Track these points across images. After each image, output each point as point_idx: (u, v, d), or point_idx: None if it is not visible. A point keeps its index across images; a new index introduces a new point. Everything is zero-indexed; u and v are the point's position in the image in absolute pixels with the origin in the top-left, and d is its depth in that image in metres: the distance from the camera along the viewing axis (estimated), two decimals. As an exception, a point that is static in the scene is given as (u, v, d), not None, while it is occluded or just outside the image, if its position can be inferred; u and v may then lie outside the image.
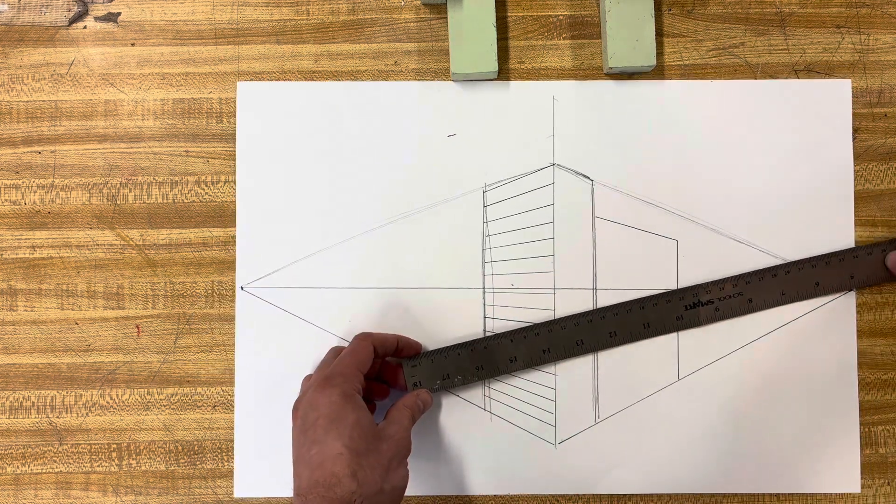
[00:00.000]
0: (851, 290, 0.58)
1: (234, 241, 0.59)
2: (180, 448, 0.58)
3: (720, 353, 0.58)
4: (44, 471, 0.58)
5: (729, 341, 0.58)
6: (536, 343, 0.57)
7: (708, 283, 0.58)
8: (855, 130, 0.59)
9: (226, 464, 0.58)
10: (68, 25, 0.60)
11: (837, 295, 0.58)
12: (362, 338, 0.54)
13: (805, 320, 0.58)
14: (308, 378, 0.55)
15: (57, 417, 0.59)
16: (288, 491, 0.57)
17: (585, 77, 0.59)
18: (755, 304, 0.57)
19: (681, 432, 0.58)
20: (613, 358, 0.58)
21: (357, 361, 0.52)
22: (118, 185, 0.59)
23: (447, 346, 0.57)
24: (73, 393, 0.59)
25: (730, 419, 0.58)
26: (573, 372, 0.58)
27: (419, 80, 0.59)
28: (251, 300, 0.58)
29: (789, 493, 0.58)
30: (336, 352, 0.55)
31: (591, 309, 0.58)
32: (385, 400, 0.57)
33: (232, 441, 0.58)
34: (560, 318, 0.58)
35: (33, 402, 0.59)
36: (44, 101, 0.60)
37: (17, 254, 0.59)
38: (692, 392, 0.58)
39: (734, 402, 0.58)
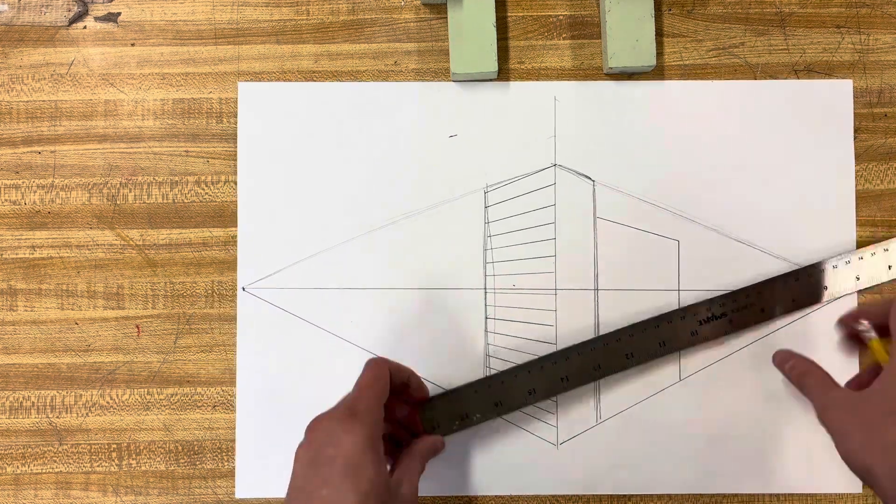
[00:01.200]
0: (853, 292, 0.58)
1: (235, 242, 0.59)
2: (180, 448, 0.58)
3: (722, 354, 0.58)
4: (44, 471, 0.58)
5: (730, 343, 0.58)
6: (554, 372, 0.56)
7: (720, 297, 0.57)
8: (855, 130, 0.59)
9: (226, 464, 0.58)
10: (68, 25, 0.60)
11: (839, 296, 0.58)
12: (380, 365, 0.50)
13: (806, 321, 0.58)
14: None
15: (57, 417, 0.59)
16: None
17: (585, 77, 0.59)
18: (767, 313, 0.57)
19: (682, 433, 0.58)
20: (614, 358, 0.58)
21: (381, 393, 0.49)
22: (118, 185, 0.59)
23: (462, 385, 0.56)
24: (73, 393, 0.59)
25: (731, 420, 0.58)
26: (574, 372, 0.58)
27: (419, 80, 0.59)
28: (252, 300, 0.58)
29: (789, 493, 0.58)
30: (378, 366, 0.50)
31: (604, 333, 0.57)
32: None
33: (232, 441, 0.58)
34: (576, 345, 0.56)
35: (33, 402, 0.59)
36: (44, 101, 0.59)
37: (17, 254, 0.59)
38: (694, 393, 0.58)
39: (735, 402, 0.58)
